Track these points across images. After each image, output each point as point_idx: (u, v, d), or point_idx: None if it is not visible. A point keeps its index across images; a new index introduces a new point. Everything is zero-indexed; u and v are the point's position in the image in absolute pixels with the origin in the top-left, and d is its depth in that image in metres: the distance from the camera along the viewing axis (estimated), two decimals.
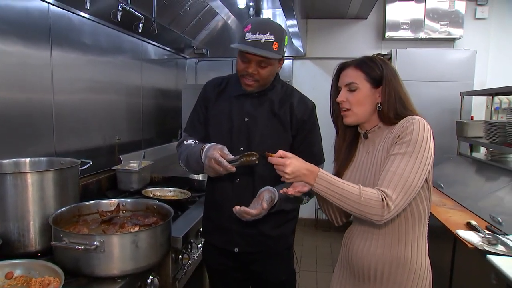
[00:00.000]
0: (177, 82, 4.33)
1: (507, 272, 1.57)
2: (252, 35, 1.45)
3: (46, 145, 2.15)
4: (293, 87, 1.73)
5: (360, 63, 1.34)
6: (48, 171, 1.55)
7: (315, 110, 1.69)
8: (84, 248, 1.26)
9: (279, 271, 1.69)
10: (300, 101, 1.66)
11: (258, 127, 1.59)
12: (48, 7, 2.11)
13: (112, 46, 2.82)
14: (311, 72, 4.84)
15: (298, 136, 1.62)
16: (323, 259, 4.07)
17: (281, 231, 1.67)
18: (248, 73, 1.51)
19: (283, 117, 1.60)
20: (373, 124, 1.37)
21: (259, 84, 1.55)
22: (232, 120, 1.62)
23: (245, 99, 1.62)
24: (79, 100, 2.45)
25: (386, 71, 1.32)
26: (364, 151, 1.40)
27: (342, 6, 4.21)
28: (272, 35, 1.45)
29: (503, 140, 2.78)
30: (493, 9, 4.45)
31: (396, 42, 4.50)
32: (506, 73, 4.26)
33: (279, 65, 1.59)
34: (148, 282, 1.52)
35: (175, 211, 2.04)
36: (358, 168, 1.39)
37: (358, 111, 1.33)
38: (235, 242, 1.63)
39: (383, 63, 1.34)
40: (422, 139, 1.20)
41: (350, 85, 1.33)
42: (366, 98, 1.32)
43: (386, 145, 1.29)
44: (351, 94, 1.33)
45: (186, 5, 3.32)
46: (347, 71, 1.36)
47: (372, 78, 1.32)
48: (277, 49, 1.47)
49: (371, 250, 1.34)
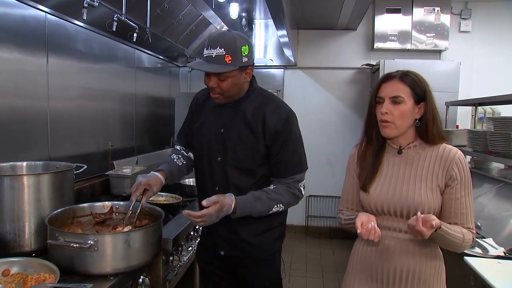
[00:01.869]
0: (170, 90, 4.39)
1: (482, 273, 1.65)
2: (206, 51, 1.50)
3: (40, 151, 2.20)
4: (271, 95, 1.72)
5: (405, 76, 1.37)
6: (44, 173, 1.61)
7: (291, 119, 1.67)
8: (78, 246, 1.31)
9: (262, 276, 1.72)
10: (274, 111, 1.64)
11: (232, 138, 1.63)
12: (45, 16, 2.18)
13: (106, 54, 2.88)
14: (301, 81, 4.94)
15: (273, 146, 1.62)
16: (313, 265, 4.13)
17: (263, 239, 1.69)
18: (211, 87, 1.55)
19: (255, 128, 1.61)
20: (409, 140, 1.42)
21: (224, 96, 1.58)
22: (210, 131, 1.67)
23: (221, 110, 1.67)
24: (73, 106, 2.50)
25: (428, 87, 1.38)
26: (397, 165, 1.43)
27: (332, 18, 4.32)
28: (222, 48, 1.47)
29: (485, 148, 2.88)
30: (476, 23, 4.61)
31: (385, 53, 4.63)
32: (489, 83, 4.40)
33: (245, 75, 1.58)
34: (139, 281, 1.58)
35: (167, 214, 2.11)
36: (387, 181, 1.42)
37: (400, 124, 1.37)
38: (221, 246, 1.71)
39: (423, 79, 1.40)
40: (469, 175, 1.39)
41: (396, 98, 1.36)
42: (409, 113, 1.36)
43: (434, 168, 1.38)
44: (395, 107, 1.36)
45: (179, 15, 3.40)
46: (392, 83, 1.38)
47: (417, 94, 1.36)
48: (230, 61, 1.48)
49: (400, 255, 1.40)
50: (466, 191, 1.36)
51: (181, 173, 1.78)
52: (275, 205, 1.59)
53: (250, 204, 1.55)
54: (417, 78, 1.38)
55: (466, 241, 1.34)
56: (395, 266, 1.41)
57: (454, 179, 1.35)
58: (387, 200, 1.40)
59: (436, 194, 1.36)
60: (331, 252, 4.51)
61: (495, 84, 4.28)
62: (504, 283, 1.56)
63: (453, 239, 1.30)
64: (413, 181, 1.38)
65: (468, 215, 1.37)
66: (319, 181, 4.93)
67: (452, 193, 1.36)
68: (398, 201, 1.38)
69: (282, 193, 1.62)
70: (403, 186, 1.39)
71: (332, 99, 4.93)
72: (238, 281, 1.76)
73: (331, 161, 4.94)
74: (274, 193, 1.60)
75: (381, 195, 1.41)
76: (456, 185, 1.35)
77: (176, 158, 1.79)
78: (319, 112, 4.95)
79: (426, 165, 1.39)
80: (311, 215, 5.05)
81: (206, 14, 3.75)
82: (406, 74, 1.38)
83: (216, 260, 1.75)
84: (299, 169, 1.67)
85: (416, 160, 1.41)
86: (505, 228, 2.14)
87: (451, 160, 1.36)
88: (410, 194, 1.37)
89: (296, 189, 1.65)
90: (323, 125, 4.95)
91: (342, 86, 4.89)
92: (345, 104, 4.91)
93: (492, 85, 4.32)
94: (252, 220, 1.61)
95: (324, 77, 4.93)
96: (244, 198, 1.55)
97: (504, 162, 2.76)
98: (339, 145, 4.85)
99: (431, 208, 1.35)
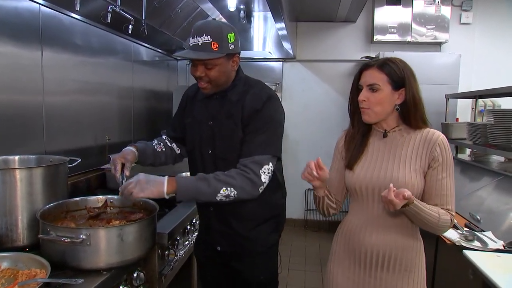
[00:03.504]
0: (168, 84, 4.36)
1: (481, 266, 1.63)
2: (192, 39, 1.49)
3: (36, 145, 2.18)
4: (255, 83, 1.67)
5: (383, 64, 1.41)
6: (36, 167, 1.59)
7: (272, 102, 1.60)
8: (70, 241, 1.30)
9: (258, 270, 1.71)
10: (254, 94, 1.60)
11: (220, 129, 1.62)
12: (39, 8, 2.15)
13: (103, 47, 2.85)
14: (300, 74, 4.91)
15: (247, 126, 1.57)
16: (312, 259, 4.13)
17: (258, 232, 1.68)
18: (198, 76, 1.54)
19: (236, 116, 1.58)
20: (392, 124, 1.47)
21: (212, 85, 1.57)
22: (200, 124, 1.67)
23: (208, 102, 1.67)
24: (69, 100, 2.48)
25: (407, 74, 1.40)
26: (382, 148, 1.48)
27: (331, 10, 4.28)
28: (208, 35, 1.47)
29: (485, 141, 2.86)
30: (477, 15, 4.56)
31: (384, 46, 4.58)
32: (490, 76, 4.36)
33: (233, 64, 1.58)
34: (134, 276, 1.56)
35: (163, 209, 2.09)
36: (372, 162, 1.47)
37: (378, 111, 1.42)
38: (218, 241, 1.71)
39: (404, 66, 1.42)
40: (451, 157, 1.42)
41: (372, 85, 1.41)
42: (386, 99, 1.40)
43: (418, 150, 1.41)
44: (372, 94, 1.41)
45: (177, 7, 3.36)
46: (370, 71, 1.43)
47: (394, 80, 1.39)
48: (217, 49, 1.48)
49: (382, 237, 1.44)
50: (447, 173, 1.39)
51: (156, 157, 1.75)
52: (223, 187, 1.46)
53: (192, 183, 1.46)
54: (396, 66, 1.40)
55: (443, 221, 1.35)
56: (377, 249, 1.44)
57: (436, 160, 1.39)
58: (372, 181, 1.43)
59: (420, 176, 1.40)
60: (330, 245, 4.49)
61: (496, 77, 4.25)
62: (503, 276, 1.55)
63: (427, 216, 1.32)
64: (397, 163, 1.42)
65: (449, 197, 1.40)
66: None
67: (433, 175, 1.39)
68: (383, 182, 1.40)
69: (233, 175, 1.49)
70: (388, 168, 1.43)
71: (331, 92, 4.90)
72: (235, 275, 1.76)
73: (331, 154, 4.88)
74: (223, 175, 1.49)
75: (366, 175, 1.45)
76: (437, 166, 1.39)
77: (156, 143, 1.78)
78: (318, 105, 4.92)
79: (410, 147, 1.43)
80: (310, 208, 5.04)
81: (204, 7, 3.70)
82: (385, 62, 1.42)
83: (213, 254, 1.76)
84: (262, 150, 1.54)
85: (401, 143, 1.45)
86: (504, 222, 2.13)
87: (434, 142, 1.40)
88: (394, 175, 1.40)
89: (253, 173, 1.50)
90: (323, 118, 4.92)
91: (342, 79, 4.85)
92: (344, 97, 4.87)
93: (492, 77, 4.28)
94: (245, 213, 1.63)
95: (323, 70, 4.89)
96: (186, 178, 1.51)
97: (504, 155, 2.74)
98: None
99: (414, 189, 1.36)
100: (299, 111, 4.91)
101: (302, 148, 4.91)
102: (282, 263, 1.78)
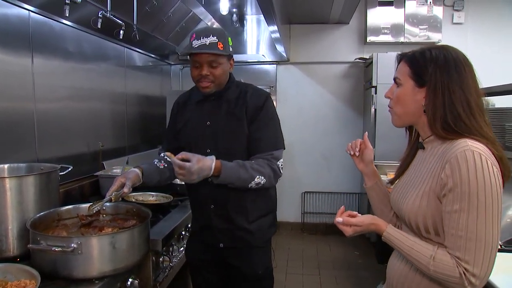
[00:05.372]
0: (162, 89, 4.34)
1: None
2: (198, 41, 1.58)
3: (28, 153, 2.15)
4: (248, 84, 1.80)
5: (410, 55, 1.16)
6: (26, 176, 1.56)
7: (270, 100, 1.75)
8: (61, 250, 1.27)
9: (255, 265, 1.77)
10: (254, 93, 1.73)
11: (219, 129, 1.69)
12: (29, 14, 2.13)
13: (95, 53, 2.83)
14: (294, 76, 4.90)
15: (253, 123, 1.68)
16: (309, 262, 4.10)
17: (258, 225, 1.75)
18: (202, 75, 1.62)
19: (239, 114, 1.68)
20: (428, 132, 1.15)
21: (215, 84, 1.65)
22: (197, 126, 1.73)
23: (204, 104, 1.74)
24: (61, 107, 2.45)
25: (435, 66, 1.09)
26: (419, 161, 1.20)
27: (324, 12, 4.28)
28: (214, 36, 1.58)
29: None
30: (469, 15, 4.57)
31: (378, 46, 4.58)
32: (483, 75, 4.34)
33: (230, 66, 1.71)
34: (127, 284, 1.54)
35: (157, 215, 2.08)
36: (407, 178, 1.22)
37: (399, 111, 1.17)
38: (220, 239, 1.74)
39: (438, 56, 1.09)
40: (478, 185, 0.97)
41: (395, 79, 1.19)
42: (407, 97, 1.14)
43: (433, 168, 1.09)
44: (396, 90, 1.18)
45: (169, 12, 3.35)
46: (401, 63, 1.19)
47: (416, 74, 1.12)
48: (223, 48, 1.60)
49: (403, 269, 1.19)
50: (462, 205, 0.98)
51: (162, 173, 1.77)
52: (257, 175, 1.60)
53: (234, 168, 1.57)
54: (423, 55, 1.12)
55: (438, 269, 1.01)
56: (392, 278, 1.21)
57: (445, 184, 1.02)
58: (396, 203, 1.21)
59: (430, 202, 1.07)
60: (328, 249, 4.48)
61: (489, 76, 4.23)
62: (501, 276, 1.53)
63: (411, 255, 1.05)
64: (415, 182, 1.15)
65: (462, 240, 0.98)
66: (314, 177, 4.90)
67: (444, 204, 1.04)
68: (402, 205, 1.16)
69: (263, 165, 1.63)
70: (409, 188, 1.16)
71: (326, 94, 4.89)
72: (231, 273, 1.79)
73: (327, 156, 4.90)
74: (256, 164, 1.63)
75: (395, 195, 1.23)
76: (448, 193, 1.02)
77: (157, 161, 1.80)
78: (313, 108, 4.91)
79: (429, 163, 1.12)
80: (307, 211, 5.02)
81: (196, 11, 3.69)
82: (416, 50, 1.15)
83: (208, 255, 1.79)
84: (276, 145, 1.71)
85: (429, 158, 1.14)
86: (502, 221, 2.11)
87: (447, 159, 1.03)
88: (408, 198, 1.14)
89: (275, 165, 1.67)
90: (318, 121, 4.91)
91: (336, 80, 4.85)
92: (339, 99, 4.87)
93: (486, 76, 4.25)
94: (246, 206, 1.70)
95: (317, 72, 4.88)
96: (229, 163, 1.58)
97: None
98: (335, 140, 4.82)
99: (419, 218, 1.09)
100: (293, 113, 4.89)
101: (297, 151, 4.88)
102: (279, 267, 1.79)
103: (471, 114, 1.06)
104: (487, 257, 0.98)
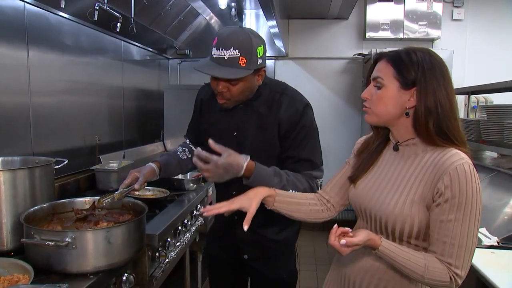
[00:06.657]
0: (159, 83, 4.31)
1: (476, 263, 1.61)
2: (217, 51, 1.36)
3: (23, 146, 2.12)
4: (283, 89, 1.58)
5: (394, 55, 1.13)
6: (20, 169, 1.54)
7: (307, 112, 1.56)
8: (55, 244, 1.25)
9: (280, 269, 1.70)
10: (289, 105, 1.52)
11: (247, 142, 1.53)
12: (24, 6, 2.09)
13: (92, 46, 2.80)
14: (293, 72, 4.87)
15: (287, 140, 1.52)
16: (306, 258, 4.10)
17: (286, 234, 1.68)
18: (219, 91, 1.43)
19: (270, 129, 1.51)
20: (406, 135, 1.15)
21: (231, 101, 1.47)
22: (222, 134, 1.55)
23: (231, 112, 1.55)
24: (57, 101, 2.42)
25: (425, 69, 1.08)
26: (390, 163, 1.20)
27: (323, 7, 4.25)
28: (236, 49, 1.34)
29: (478, 137, 2.85)
30: (468, 11, 4.56)
31: (377, 42, 4.57)
32: (482, 72, 4.36)
33: (258, 78, 1.47)
34: (123, 279, 1.52)
35: (153, 209, 2.06)
36: (378, 180, 1.20)
37: (378, 111, 1.14)
38: (244, 250, 1.67)
39: (424, 58, 1.10)
40: (472, 196, 1.02)
41: (375, 79, 1.15)
42: (391, 99, 1.12)
43: (424, 175, 1.09)
44: (376, 91, 1.15)
45: (167, 5, 3.32)
46: (381, 62, 1.15)
47: (403, 76, 1.10)
48: (245, 64, 1.36)
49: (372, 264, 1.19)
50: (458, 216, 1.03)
51: (183, 166, 1.70)
52: (290, 189, 1.42)
53: (268, 174, 1.41)
54: (409, 56, 1.10)
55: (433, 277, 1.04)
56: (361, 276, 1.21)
57: (442, 194, 1.04)
58: (370, 203, 1.18)
59: (419, 209, 1.08)
60: (325, 245, 4.48)
61: (488, 73, 4.24)
62: (498, 273, 1.53)
63: (407, 267, 1.05)
64: (397, 186, 1.13)
65: (455, 248, 1.03)
66: None
67: (436, 213, 1.06)
68: (378, 207, 1.15)
69: (301, 180, 1.49)
70: (386, 190, 1.15)
71: (324, 90, 4.87)
72: (253, 275, 1.74)
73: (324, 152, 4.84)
74: (293, 176, 1.47)
75: (367, 195, 1.20)
76: (443, 203, 1.04)
77: (181, 150, 1.71)
78: (311, 103, 4.86)
79: (417, 169, 1.11)
80: None
81: (195, 5, 3.67)
82: (398, 51, 1.14)
83: (231, 260, 1.74)
84: (313, 166, 1.55)
85: (411, 162, 1.14)
86: (498, 218, 2.11)
87: (445, 169, 1.04)
88: (388, 201, 1.13)
89: (315, 183, 1.53)
90: (316, 116, 4.85)
91: (334, 76, 4.83)
92: (337, 95, 4.86)
93: (485, 73, 4.28)
94: (272, 217, 1.45)
95: (316, 68, 4.86)
96: (264, 167, 1.42)
97: (498, 151, 2.73)
98: (332, 136, 4.80)
99: (405, 224, 1.09)
100: None
101: None
102: None
103: (454, 117, 1.10)
104: (471, 259, 1.06)
